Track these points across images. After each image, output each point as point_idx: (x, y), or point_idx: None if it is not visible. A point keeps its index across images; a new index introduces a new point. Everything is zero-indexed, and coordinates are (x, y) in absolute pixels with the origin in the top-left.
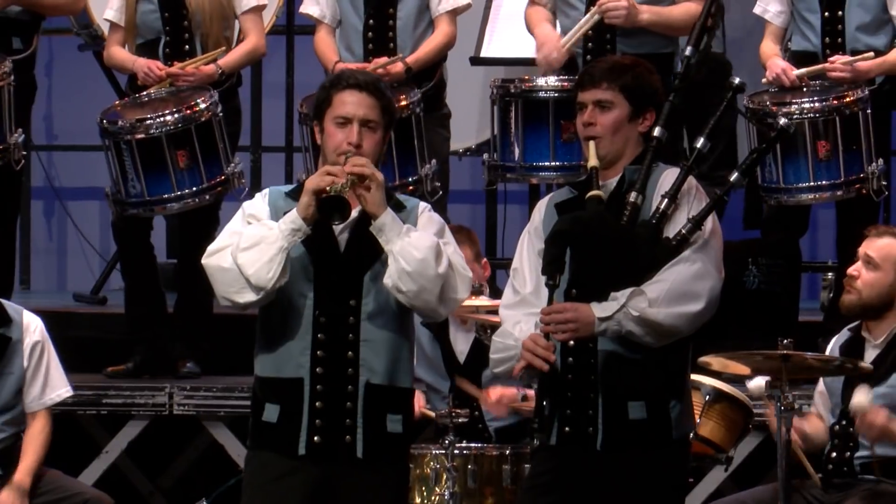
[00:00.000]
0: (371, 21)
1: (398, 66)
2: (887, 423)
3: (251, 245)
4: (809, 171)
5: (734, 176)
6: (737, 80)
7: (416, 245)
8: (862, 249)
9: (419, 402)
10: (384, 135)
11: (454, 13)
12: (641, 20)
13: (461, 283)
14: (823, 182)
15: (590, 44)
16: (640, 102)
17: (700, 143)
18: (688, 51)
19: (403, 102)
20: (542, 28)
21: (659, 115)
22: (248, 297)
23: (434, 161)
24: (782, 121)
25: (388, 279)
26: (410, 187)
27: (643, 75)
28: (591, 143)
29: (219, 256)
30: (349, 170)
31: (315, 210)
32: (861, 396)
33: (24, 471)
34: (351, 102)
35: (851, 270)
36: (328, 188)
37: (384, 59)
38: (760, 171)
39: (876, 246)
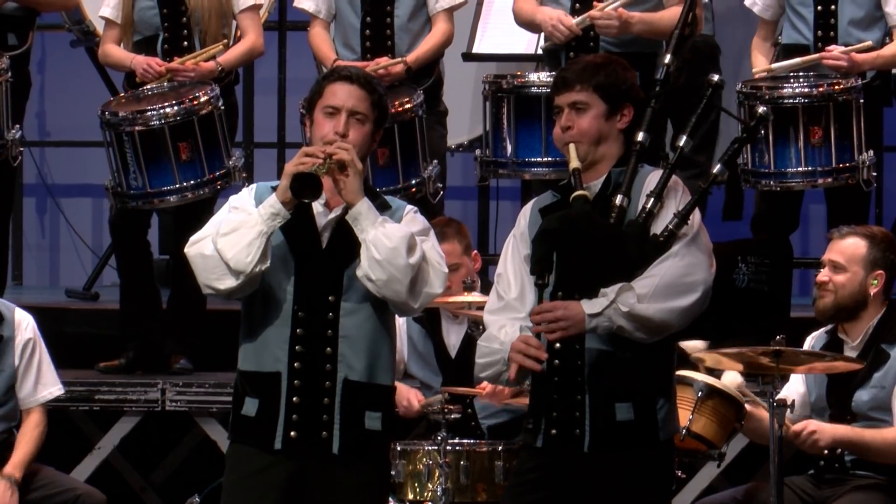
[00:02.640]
0: (368, 19)
1: (399, 67)
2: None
3: (231, 230)
4: (801, 157)
5: (717, 168)
6: (715, 78)
7: (388, 234)
8: (826, 256)
9: (417, 397)
10: (373, 130)
11: (451, 11)
12: (632, 31)
13: (436, 277)
14: (814, 168)
15: (573, 42)
16: (615, 99)
17: (682, 141)
18: (667, 58)
19: (407, 105)
20: (542, 9)
21: (638, 112)
22: (229, 282)
23: (435, 162)
24: (761, 109)
25: (360, 269)
26: (413, 189)
27: (616, 72)
28: (571, 146)
29: (200, 245)
30: (330, 150)
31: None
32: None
33: (14, 464)
34: (341, 93)
35: (821, 277)
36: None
37: (385, 60)
38: (751, 156)
39: (840, 248)
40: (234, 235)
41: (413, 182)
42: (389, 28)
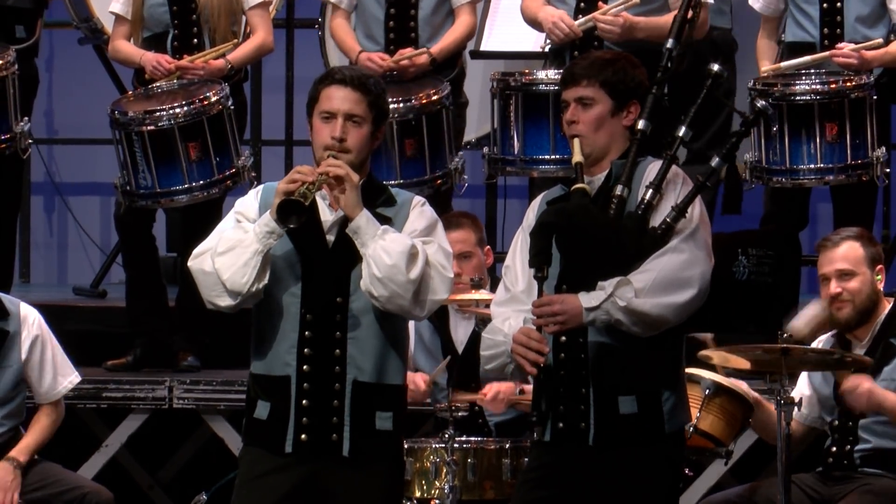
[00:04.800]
0: (392, 10)
1: (423, 58)
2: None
3: (227, 249)
4: (817, 154)
5: (715, 161)
6: (715, 68)
7: (388, 250)
8: (827, 269)
9: (423, 377)
10: (373, 130)
11: (473, 4)
12: (636, 37)
13: (441, 283)
14: (830, 164)
15: (577, 42)
16: (622, 96)
17: (682, 131)
18: (669, 43)
19: (435, 97)
20: (545, 8)
21: (643, 107)
22: (228, 300)
23: (461, 154)
24: (760, 103)
25: (362, 283)
26: (438, 181)
27: (625, 69)
28: (576, 140)
29: (201, 260)
30: (321, 170)
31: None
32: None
33: (20, 448)
34: (336, 97)
35: (834, 289)
36: (296, 190)
37: (409, 50)
38: (764, 153)
39: (842, 255)
40: (230, 255)
41: (439, 174)
42: (413, 20)
